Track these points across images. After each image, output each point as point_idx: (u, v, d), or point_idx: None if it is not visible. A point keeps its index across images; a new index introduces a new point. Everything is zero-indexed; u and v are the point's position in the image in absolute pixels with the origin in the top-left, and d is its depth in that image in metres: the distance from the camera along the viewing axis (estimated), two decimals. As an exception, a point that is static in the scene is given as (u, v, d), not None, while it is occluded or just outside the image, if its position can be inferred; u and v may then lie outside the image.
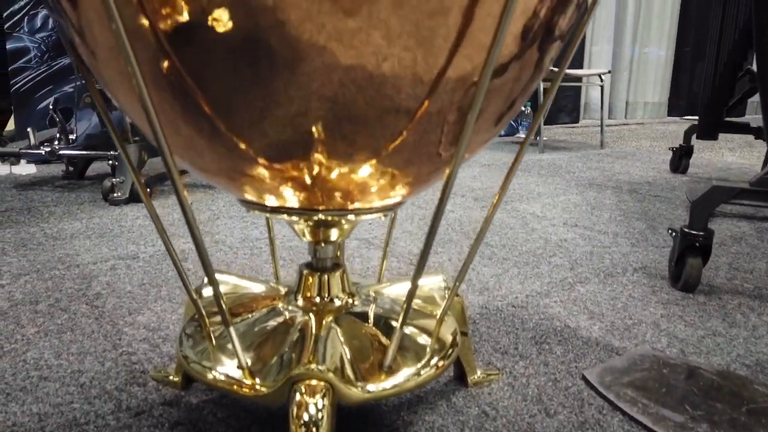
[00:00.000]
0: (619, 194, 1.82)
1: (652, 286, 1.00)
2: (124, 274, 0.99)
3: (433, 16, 0.37)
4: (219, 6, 0.35)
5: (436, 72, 0.40)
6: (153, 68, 0.40)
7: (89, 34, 0.41)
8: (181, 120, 0.42)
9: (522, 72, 0.44)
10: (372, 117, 0.42)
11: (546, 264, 1.11)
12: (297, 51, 0.37)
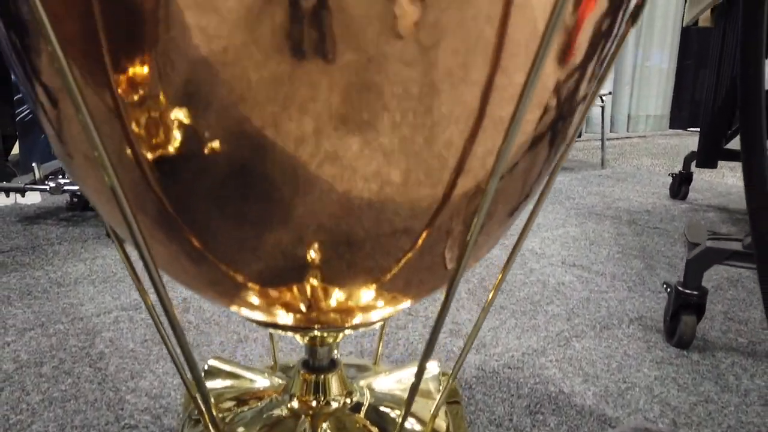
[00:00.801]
0: (618, 225, 1.83)
1: (647, 341, 1.02)
2: (127, 328, 1.01)
3: (435, 133, 0.36)
4: (208, 132, 0.34)
5: (441, 191, 0.40)
6: (135, 192, 0.40)
7: (67, 134, 0.40)
8: (165, 243, 0.43)
9: (534, 163, 0.43)
10: (372, 242, 0.42)
11: (543, 314, 1.13)
12: (292, 178, 0.38)
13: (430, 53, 0.31)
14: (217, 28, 0.29)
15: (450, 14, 0.30)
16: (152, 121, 0.36)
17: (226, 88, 0.31)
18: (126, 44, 0.31)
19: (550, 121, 0.40)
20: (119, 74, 0.33)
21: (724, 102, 1.96)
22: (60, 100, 0.38)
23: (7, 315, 1.06)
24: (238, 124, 0.34)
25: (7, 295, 1.15)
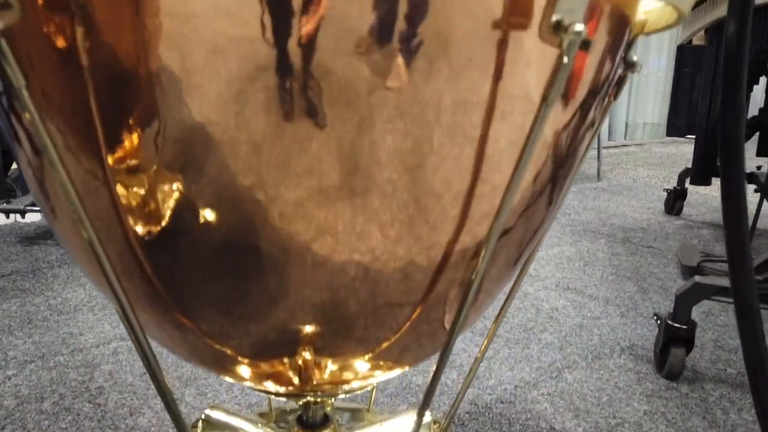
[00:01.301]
0: (613, 244, 1.85)
1: (638, 372, 1.03)
2: (126, 360, 1.03)
3: (430, 200, 0.37)
4: (198, 202, 0.34)
5: (437, 259, 0.41)
6: (120, 259, 0.40)
7: (50, 190, 0.38)
8: (149, 312, 0.44)
9: (533, 216, 0.43)
10: (366, 314, 0.44)
11: (536, 342, 1.14)
12: (283, 249, 0.38)
13: (420, 119, 0.32)
14: (208, 99, 0.30)
15: (437, 83, 0.32)
16: (141, 191, 0.37)
17: (216, 158, 0.32)
18: (117, 114, 0.31)
19: (545, 180, 0.41)
20: (109, 143, 0.34)
21: (718, 120, 1.97)
22: (43, 158, 0.38)
23: (8, 346, 1.07)
24: (228, 195, 0.34)
25: (8, 324, 1.16)
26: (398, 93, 0.30)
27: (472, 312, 0.49)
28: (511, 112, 0.32)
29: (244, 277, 0.40)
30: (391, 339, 0.46)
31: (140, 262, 0.40)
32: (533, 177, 0.39)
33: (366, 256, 0.39)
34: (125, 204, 0.37)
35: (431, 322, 0.46)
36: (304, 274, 0.40)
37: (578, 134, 0.40)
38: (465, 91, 0.31)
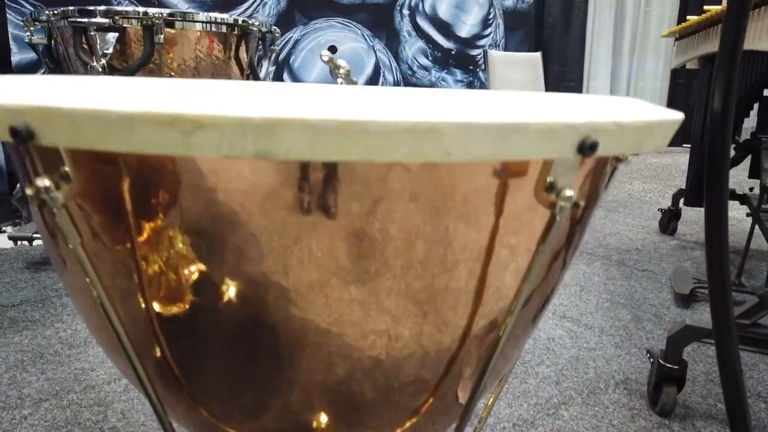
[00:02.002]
0: (608, 267, 1.89)
1: (632, 408, 1.07)
2: (137, 398, 1.06)
3: (439, 284, 0.40)
4: (221, 286, 0.37)
5: (448, 344, 0.44)
6: (139, 341, 0.43)
7: (69, 267, 0.40)
8: (166, 395, 0.47)
9: (541, 298, 0.47)
10: (381, 401, 0.47)
11: (533, 376, 1.18)
12: (299, 333, 0.42)
13: (430, 214, 0.34)
14: (233, 194, 0.33)
15: (445, 184, 0.36)
16: (166, 274, 0.40)
17: (240, 245, 0.35)
18: (147, 203, 0.34)
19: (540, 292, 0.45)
20: (139, 230, 0.37)
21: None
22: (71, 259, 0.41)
23: (22, 383, 1.10)
24: (249, 279, 0.38)
25: (21, 359, 1.20)
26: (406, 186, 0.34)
27: (491, 379, 0.52)
28: (512, 252, 0.36)
29: (259, 364, 0.43)
30: (407, 422, 0.49)
31: (159, 342, 0.43)
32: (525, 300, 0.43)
33: (380, 340, 0.42)
34: (147, 285, 0.40)
35: (446, 401, 0.49)
36: (318, 358, 0.43)
37: (568, 251, 0.43)
38: (471, 238, 0.34)
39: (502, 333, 0.41)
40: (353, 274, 0.36)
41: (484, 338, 0.43)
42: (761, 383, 1.17)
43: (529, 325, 0.48)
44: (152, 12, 1.44)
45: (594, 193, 0.40)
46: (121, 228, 0.35)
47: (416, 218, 0.33)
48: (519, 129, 0.28)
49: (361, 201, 0.32)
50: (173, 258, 0.37)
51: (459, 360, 0.45)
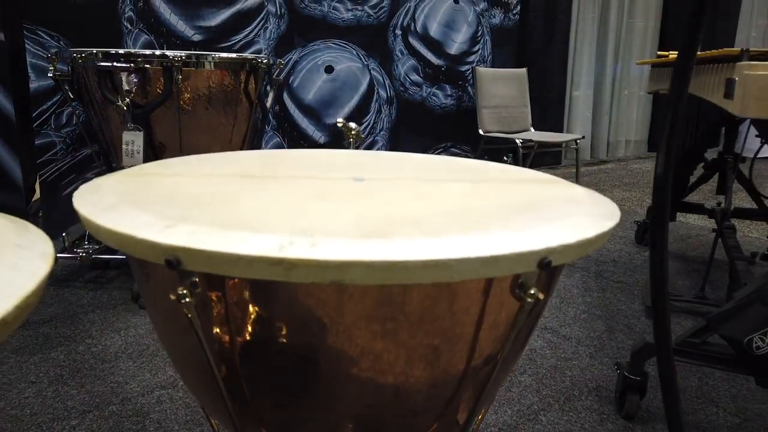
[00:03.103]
0: (586, 279, 2.05)
1: (601, 414, 1.24)
2: (169, 409, 1.21)
3: (444, 338, 0.56)
4: (280, 325, 0.53)
5: (452, 380, 0.59)
6: (226, 382, 0.59)
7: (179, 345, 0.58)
8: (238, 412, 0.62)
9: (515, 351, 0.63)
10: (396, 424, 0.62)
11: (517, 385, 1.34)
12: (336, 373, 0.58)
13: (443, 305, 0.51)
14: (311, 301, 0.48)
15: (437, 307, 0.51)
16: (252, 343, 0.56)
17: (308, 326, 0.51)
18: (245, 301, 0.49)
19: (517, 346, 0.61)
20: (237, 320, 0.52)
21: (681, 162, 2.19)
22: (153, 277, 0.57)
23: (65, 396, 1.25)
24: (309, 344, 0.53)
25: (60, 373, 1.34)
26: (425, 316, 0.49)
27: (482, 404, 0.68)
28: (494, 327, 0.52)
29: (305, 390, 0.58)
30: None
31: (239, 380, 0.58)
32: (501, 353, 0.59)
33: (398, 379, 0.57)
34: (239, 346, 0.56)
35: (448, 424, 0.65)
36: (351, 391, 0.58)
37: (535, 320, 0.59)
38: (469, 319, 0.50)
39: (489, 376, 0.56)
40: (384, 347, 0.52)
41: (477, 378, 0.59)
42: (714, 390, 1.34)
43: (510, 365, 0.64)
44: (171, 54, 1.58)
45: (550, 285, 0.56)
46: (226, 316, 0.50)
47: (434, 308, 0.49)
48: (500, 259, 0.43)
49: (389, 303, 0.47)
50: (255, 334, 0.52)
51: (457, 395, 0.60)
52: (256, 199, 0.58)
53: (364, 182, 0.68)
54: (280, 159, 0.84)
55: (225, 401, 0.56)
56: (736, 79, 1.04)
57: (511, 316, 0.51)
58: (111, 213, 0.51)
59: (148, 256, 0.45)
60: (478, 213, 0.55)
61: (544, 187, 0.69)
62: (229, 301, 0.49)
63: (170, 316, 0.54)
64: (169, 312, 0.54)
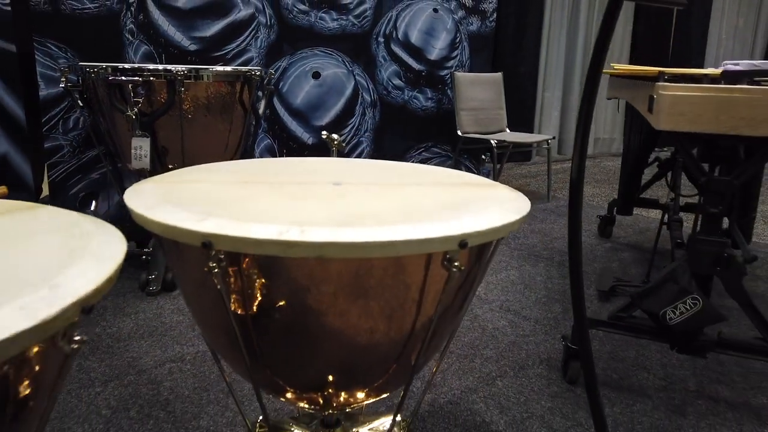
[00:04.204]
0: (549, 268, 2.27)
1: (549, 379, 1.45)
2: (179, 378, 1.41)
3: (383, 310, 0.78)
4: (279, 291, 0.75)
5: (402, 336, 0.81)
6: (244, 340, 0.80)
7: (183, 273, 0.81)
8: (253, 366, 0.83)
9: (454, 313, 0.85)
10: (366, 367, 0.83)
11: (479, 357, 1.56)
12: (321, 331, 0.78)
13: (391, 278, 0.72)
14: (305, 272, 0.69)
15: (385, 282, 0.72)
16: (264, 307, 0.76)
17: (300, 295, 0.72)
18: (259, 275, 0.70)
19: (452, 311, 0.82)
20: (254, 285, 0.73)
21: (635, 164, 2.41)
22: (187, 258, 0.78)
23: (89, 368, 1.44)
24: (304, 310, 0.74)
25: (81, 351, 1.53)
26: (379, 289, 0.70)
27: (431, 351, 0.88)
28: (432, 293, 0.72)
29: (296, 349, 0.78)
30: (381, 380, 0.86)
31: (252, 337, 0.79)
32: (438, 317, 0.79)
33: (367, 335, 0.78)
34: (254, 311, 0.76)
35: (403, 367, 0.85)
36: (333, 345, 0.79)
37: (469, 289, 0.80)
38: (413, 286, 0.71)
39: (428, 333, 0.77)
40: (356, 306, 0.72)
41: (421, 334, 0.80)
42: (647, 360, 1.57)
43: (448, 322, 0.85)
44: (173, 69, 1.77)
45: (481, 256, 0.77)
46: (242, 283, 0.70)
47: (387, 280, 0.69)
48: (431, 240, 0.64)
49: (357, 273, 0.68)
50: (262, 297, 0.72)
51: (408, 345, 0.81)
52: (258, 201, 0.78)
53: (341, 186, 0.89)
54: (273, 167, 1.04)
55: (242, 351, 0.77)
56: (655, 96, 1.26)
57: (443, 283, 0.72)
58: (156, 210, 0.71)
59: (188, 240, 0.65)
60: (421, 209, 0.75)
61: (478, 189, 0.90)
62: (244, 272, 0.69)
63: (200, 286, 0.74)
64: (200, 282, 0.74)
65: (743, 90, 1.18)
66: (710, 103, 1.17)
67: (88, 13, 2.30)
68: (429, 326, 0.79)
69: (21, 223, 0.65)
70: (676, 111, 1.21)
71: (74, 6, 2.26)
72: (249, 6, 2.70)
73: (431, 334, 0.79)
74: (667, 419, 1.30)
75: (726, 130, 1.18)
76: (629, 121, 2.36)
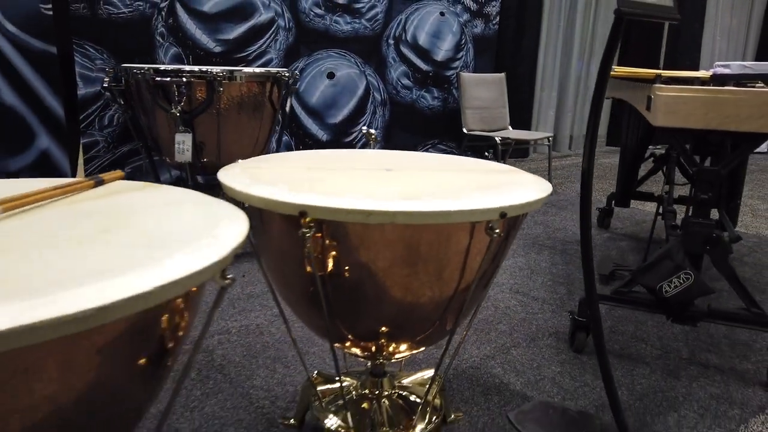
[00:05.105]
0: (553, 255, 2.45)
1: (557, 348, 1.63)
2: (230, 347, 1.57)
3: (434, 271, 0.94)
4: (354, 253, 0.92)
5: (445, 298, 0.98)
6: (326, 299, 0.97)
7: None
8: (320, 318, 1.00)
9: (487, 276, 1.02)
10: (412, 323, 1.00)
11: (494, 331, 1.73)
12: (383, 288, 0.95)
13: (439, 242, 0.89)
14: (374, 236, 0.86)
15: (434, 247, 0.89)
16: (337, 269, 0.93)
17: (362, 257, 0.89)
18: (338, 241, 0.87)
19: (487, 277, 0.99)
20: (334, 250, 0.90)
21: (632, 160, 2.59)
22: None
23: (145, 340, 1.60)
24: (370, 274, 0.92)
25: (136, 325, 1.69)
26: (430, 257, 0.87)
27: (465, 314, 1.06)
28: (472, 259, 0.90)
29: (358, 306, 0.95)
30: (422, 335, 1.03)
31: (328, 295, 0.96)
32: (480, 279, 0.97)
33: (413, 294, 0.95)
34: (327, 272, 0.93)
35: (442, 326, 1.02)
36: (386, 304, 0.95)
37: (501, 255, 0.97)
38: (458, 251, 0.88)
39: (468, 294, 0.95)
40: (413, 267, 0.89)
41: (460, 296, 0.97)
42: (645, 333, 1.74)
43: (481, 290, 1.02)
44: (213, 70, 1.93)
45: (513, 227, 0.94)
46: (325, 246, 0.87)
47: (440, 245, 0.86)
48: (477, 211, 0.81)
49: (416, 238, 0.85)
50: (338, 263, 0.89)
51: (449, 306, 0.98)
52: (331, 181, 0.95)
53: (392, 171, 1.06)
54: (332, 156, 1.21)
55: (317, 306, 0.94)
56: (652, 96, 1.43)
57: (485, 248, 0.89)
58: (254, 188, 0.88)
59: (286, 210, 0.82)
60: (462, 188, 0.93)
61: (505, 174, 1.07)
62: (326, 236, 0.86)
63: (287, 250, 0.91)
64: (286, 248, 0.91)
65: (729, 91, 1.35)
66: (701, 103, 1.35)
67: (122, 17, 2.46)
68: (468, 289, 0.96)
69: (162, 196, 0.81)
70: (671, 109, 1.39)
71: (110, 10, 2.42)
72: (269, 10, 2.86)
73: (470, 297, 0.97)
74: (663, 381, 1.48)
75: (714, 126, 1.36)
76: (626, 120, 2.54)
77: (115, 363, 0.59)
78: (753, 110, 1.32)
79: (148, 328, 0.62)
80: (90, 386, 0.57)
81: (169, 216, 0.73)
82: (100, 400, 0.60)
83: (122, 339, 0.58)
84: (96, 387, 0.59)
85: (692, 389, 1.45)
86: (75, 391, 0.56)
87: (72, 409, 0.57)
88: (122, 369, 0.61)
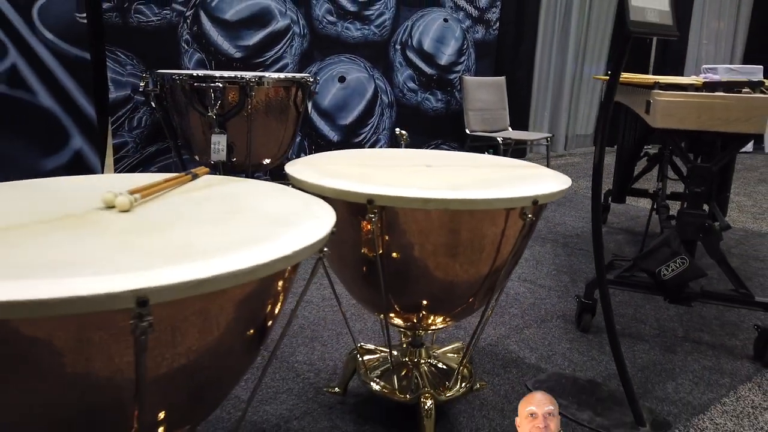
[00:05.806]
0: (556, 248, 2.63)
1: (565, 329, 1.80)
2: (316, 329, 1.73)
3: (475, 251, 1.10)
4: (410, 235, 1.08)
5: (478, 278, 1.14)
6: (385, 280, 1.13)
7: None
8: (376, 292, 1.16)
9: (517, 256, 1.19)
10: (449, 299, 1.16)
11: (507, 314, 1.90)
12: (425, 269, 1.11)
13: (476, 226, 1.06)
14: (427, 219, 1.03)
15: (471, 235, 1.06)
16: (394, 254, 1.10)
17: (413, 242, 1.05)
18: (395, 225, 1.04)
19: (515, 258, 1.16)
20: (394, 235, 1.06)
21: (628, 159, 2.78)
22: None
23: (192, 323, 1.76)
24: (419, 256, 1.08)
25: (181, 310, 1.84)
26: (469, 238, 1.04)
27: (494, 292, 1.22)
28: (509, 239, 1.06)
29: (408, 282, 1.12)
30: (458, 309, 1.19)
31: (386, 277, 1.12)
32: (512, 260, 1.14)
33: (451, 277, 1.12)
34: (385, 258, 1.09)
35: (476, 302, 1.19)
36: (428, 282, 1.12)
37: (528, 237, 1.14)
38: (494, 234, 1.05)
39: (501, 273, 1.11)
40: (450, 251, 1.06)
41: (493, 275, 1.14)
42: (643, 315, 1.92)
43: (509, 272, 1.19)
44: (246, 76, 2.09)
45: (539, 213, 1.11)
46: (387, 229, 1.04)
47: (482, 228, 1.03)
48: (514, 199, 0.98)
49: (463, 222, 1.02)
50: (394, 244, 1.06)
51: (483, 285, 1.15)
52: (384, 175, 1.11)
53: (432, 167, 1.22)
54: (376, 155, 1.37)
55: (379, 282, 1.10)
56: (651, 101, 1.61)
57: (518, 230, 1.06)
58: (322, 179, 1.04)
59: (355, 199, 0.98)
60: (498, 180, 1.09)
61: (528, 169, 1.24)
62: (387, 221, 1.03)
63: (348, 234, 1.07)
64: (348, 231, 1.07)
65: (720, 97, 1.53)
66: (695, 107, 1.53)
67: (151, 25, 2.61)
68: (500, 270, 1.13)
69: (251, 187, 0.97)
70: (669, 113, 1.56)
71: (140, 19, 2.57)
72: (285, 17, 3.02)
73: (501, 277, 1.13)
74: (660, 355, 1.66)
75: (707, 127, 1.54)
76: (623, 121, 2.72)
77: (238, 322, 0.74)
78: (740, 113, 1.50)
79: (265, 291, 0.78)
80: (217, 340, 0.73)
81: (271, 202, 0.89)
82: (223, 353, 0.75)
83: (246, 301, 0.74)
84: (223, 339, 0.74)
85: (687, 362, 1.62)
86: (206, 343, 0.71)
87: (200, 362, 0.72)
88: (242, 326, 0.77)
